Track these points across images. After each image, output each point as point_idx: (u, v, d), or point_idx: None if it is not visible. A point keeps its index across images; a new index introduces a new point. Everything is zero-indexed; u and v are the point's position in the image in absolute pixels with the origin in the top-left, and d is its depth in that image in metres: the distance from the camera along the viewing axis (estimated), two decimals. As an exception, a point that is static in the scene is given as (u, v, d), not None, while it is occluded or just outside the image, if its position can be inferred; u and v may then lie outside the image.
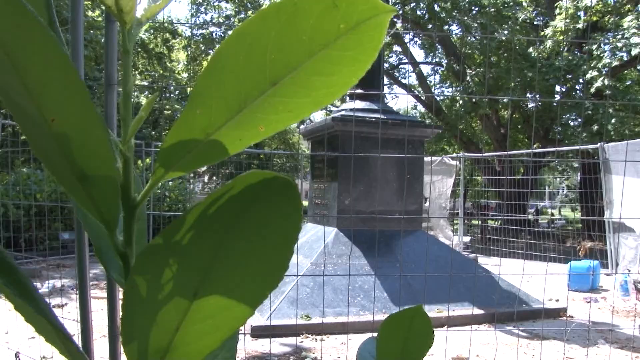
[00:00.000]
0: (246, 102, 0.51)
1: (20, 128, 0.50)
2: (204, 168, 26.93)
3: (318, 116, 28.46)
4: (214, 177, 26.89)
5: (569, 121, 19.25)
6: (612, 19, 15.04)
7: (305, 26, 0.49)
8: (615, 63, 15.13)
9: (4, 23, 0.41)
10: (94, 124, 0.47)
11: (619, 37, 14.26)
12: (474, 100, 17.70)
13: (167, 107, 25.44)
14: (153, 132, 23.50)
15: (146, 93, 23.56)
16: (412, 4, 18.21)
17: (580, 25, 15.25)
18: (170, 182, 14.17)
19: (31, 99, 0.45)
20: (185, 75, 23.28)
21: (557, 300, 8.01)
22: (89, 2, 18.38)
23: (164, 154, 0.53)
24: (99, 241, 0.62)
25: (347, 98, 9.15)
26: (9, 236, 10.10)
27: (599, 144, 10.62)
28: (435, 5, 18.07)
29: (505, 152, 14.36)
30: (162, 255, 0.50)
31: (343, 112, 7.93)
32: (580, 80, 16.76)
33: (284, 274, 0.53)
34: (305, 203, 10.13)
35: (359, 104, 8.14)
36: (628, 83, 21.21)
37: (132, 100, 0.60)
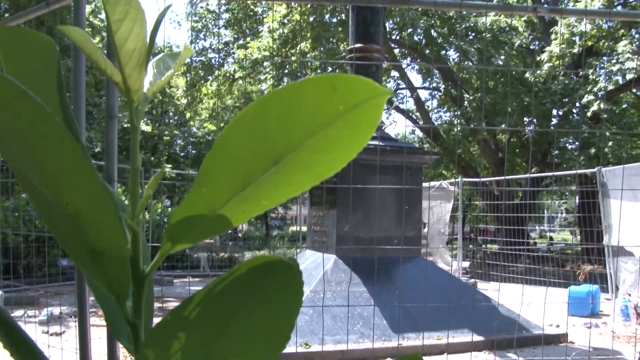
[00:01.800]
0: (249, 180, 0.54)
1: (35, 208, 0.53)
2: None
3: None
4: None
5: (567, 144, 19.34)
6: (606, 43, 15.21)
7: (305, 109, 0.52)
8: (611, 87, 15.27)
9: (23, 120, 0.43)
10: (105, 207, 0.50)
11: (613, 61, 14.40)
12: (471, 125, 17.80)
13: (166, 132, 25.53)
14: (152, 158, 23.55)
15: (145, 119, 23.65)
16: (410, 30, 18.40)
17: (575, 50, 15.42)
18: (169, 209, 14.16)
19: (47, 185, 0.48)
20: (184, 101, 23.41)
21: (558, 326, 7.97)
22: (90, 29, 18.53)
23: (172, 230, 0.55)
24: (108, 309, 0.64)
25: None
26: (8, 263, 10.08)
27: (596, 168, 10.66)
28: (432, 31, 18.26)
29: (503, 177, 14.41)
30: (171, 331, 0.52)
31: (341, 139, 7.96)
32: (577, 104, 16.88)
33: (286, 345, 0.56)
34: (304, 229, 10.14)
35: (357, 130, 8.19)
36: (624, 106, 21.36)
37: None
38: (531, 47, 20.37)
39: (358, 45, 8.08)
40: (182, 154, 27.53)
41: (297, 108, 0.51)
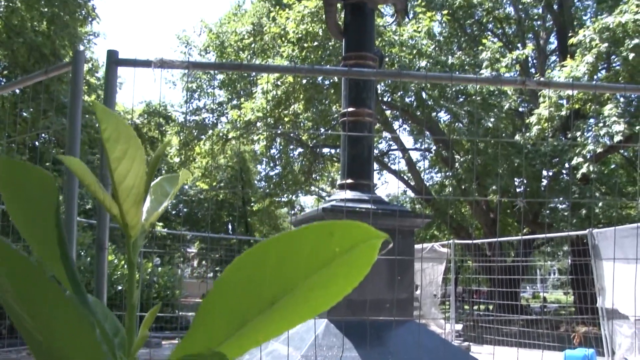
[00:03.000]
0: (246, 320, 0.54)
1: (27, 344, 0.53)
2: (194, 252, 26.72)
3: (309, 203, 28.74)
4: (204, 262, 26.68)
5: (558, 205, 19.46)
6: (593, 107, 15.52)
7: (303, 253, 0.53)
8: (600, 149, 15.50)
9: (17, 277, 0.44)
10: (101, 355, 0.50)
11: (600, 124, 14.66)
12: (462, 187, 17.93)
13: (158, 190, 25.39)
14: (143, 216, 23.35)
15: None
16: (401, 92, 18.73)
17: (563, 113, 15.71)
18: (160, 268, 14.01)
19: (40, 333, 0.48)
20: (177, 160, 23.53)
21: (554, 393, 7.82)
22: (86, 87, 18.75)
23: (168, 370, 0.55)
24: None
25: (338, 188, 9.23)
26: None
27: (587, 230, 10.68)
28: (423, 94, 18.58)
29: (496, 239, 14.42)
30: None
31: (333, 203, 7.96)
32: (567, 165, 17.09)
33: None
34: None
35: (349, 194, 8.20)
36: (612, 167, 21.65)
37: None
38: (520, 109, 20.77)
39: (350, 109, 8.18)
40: (173, 212, 27.47)
41: (295, 253, 0.52)
